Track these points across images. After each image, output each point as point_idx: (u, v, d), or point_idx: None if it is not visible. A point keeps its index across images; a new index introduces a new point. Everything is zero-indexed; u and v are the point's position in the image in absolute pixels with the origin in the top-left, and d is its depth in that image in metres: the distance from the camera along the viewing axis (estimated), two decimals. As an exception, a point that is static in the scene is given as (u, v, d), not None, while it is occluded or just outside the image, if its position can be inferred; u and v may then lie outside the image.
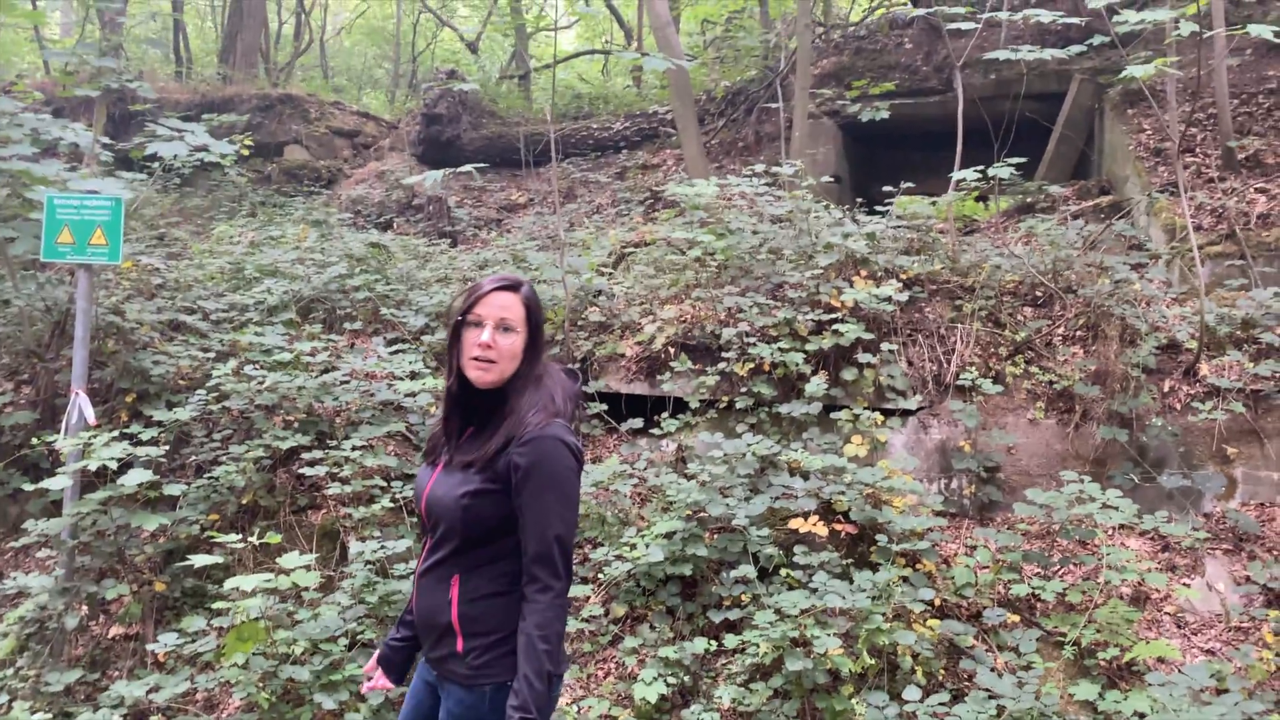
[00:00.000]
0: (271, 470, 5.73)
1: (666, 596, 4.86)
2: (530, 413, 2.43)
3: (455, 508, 2.43)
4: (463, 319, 2.49)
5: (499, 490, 2.42)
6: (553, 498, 2.39)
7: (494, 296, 2.48)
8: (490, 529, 2.44)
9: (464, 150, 13.42)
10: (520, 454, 2.38)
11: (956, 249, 6.70)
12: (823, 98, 11.38)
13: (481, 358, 2.44)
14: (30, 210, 6.29)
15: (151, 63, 17.48)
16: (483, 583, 2.45)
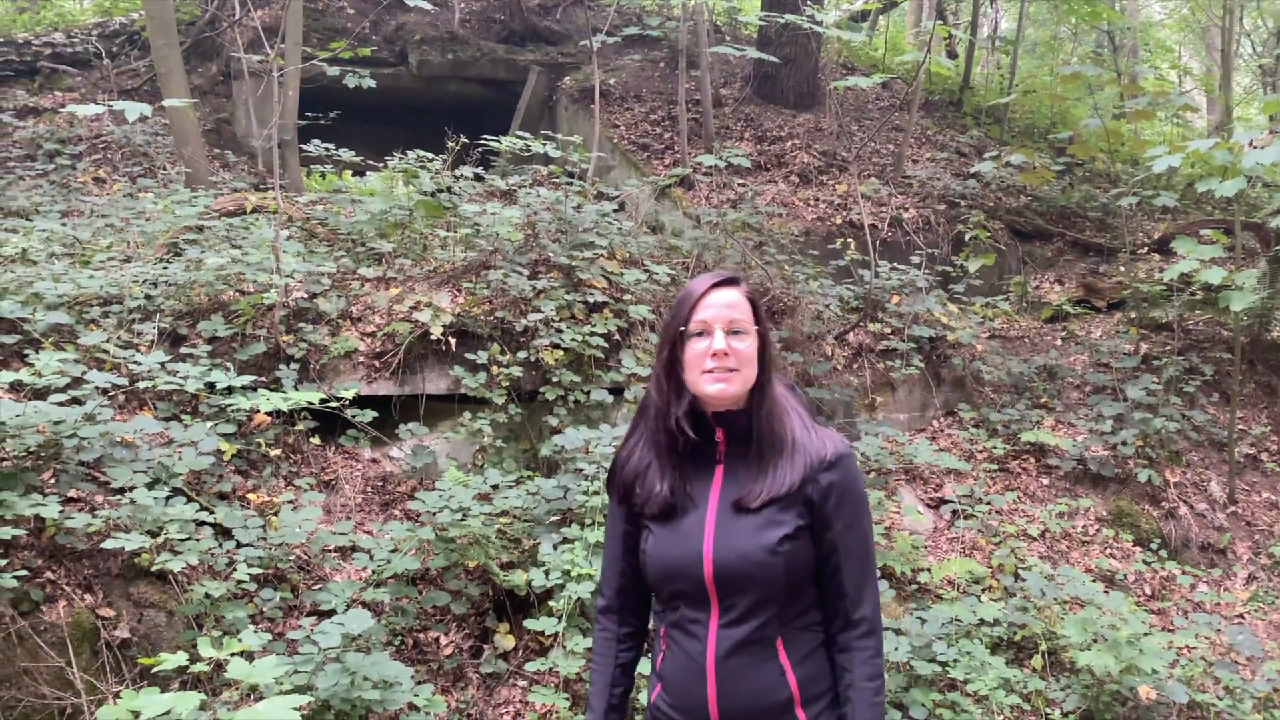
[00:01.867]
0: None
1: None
2: (809, 429, 2.16)
3: (770, 561, 2.03)
4: (683, 331, 2.10)
5: (809, 525, 2.10)
6: (867, 522, 2.17)
7: (715, 296, 2.10)
8: (809, 577, 2.12)
9: None
10: (830, 476, 2.09)
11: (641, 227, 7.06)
12: (264, 56, 10.31)
13: (720, 367, 2.06)
14: None
15: None
16: (805, 637, 2.13)
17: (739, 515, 2.06)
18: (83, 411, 4.16)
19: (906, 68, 12.16)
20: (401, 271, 6.06)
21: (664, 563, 2.10)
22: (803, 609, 2.11)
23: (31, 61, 10.36)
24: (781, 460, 2.08)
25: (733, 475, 2.11)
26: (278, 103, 5.74)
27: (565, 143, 6.62)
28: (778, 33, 9.85)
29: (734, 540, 2.05)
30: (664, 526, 2.12)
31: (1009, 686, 4.53)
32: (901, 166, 9.93)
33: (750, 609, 2.04)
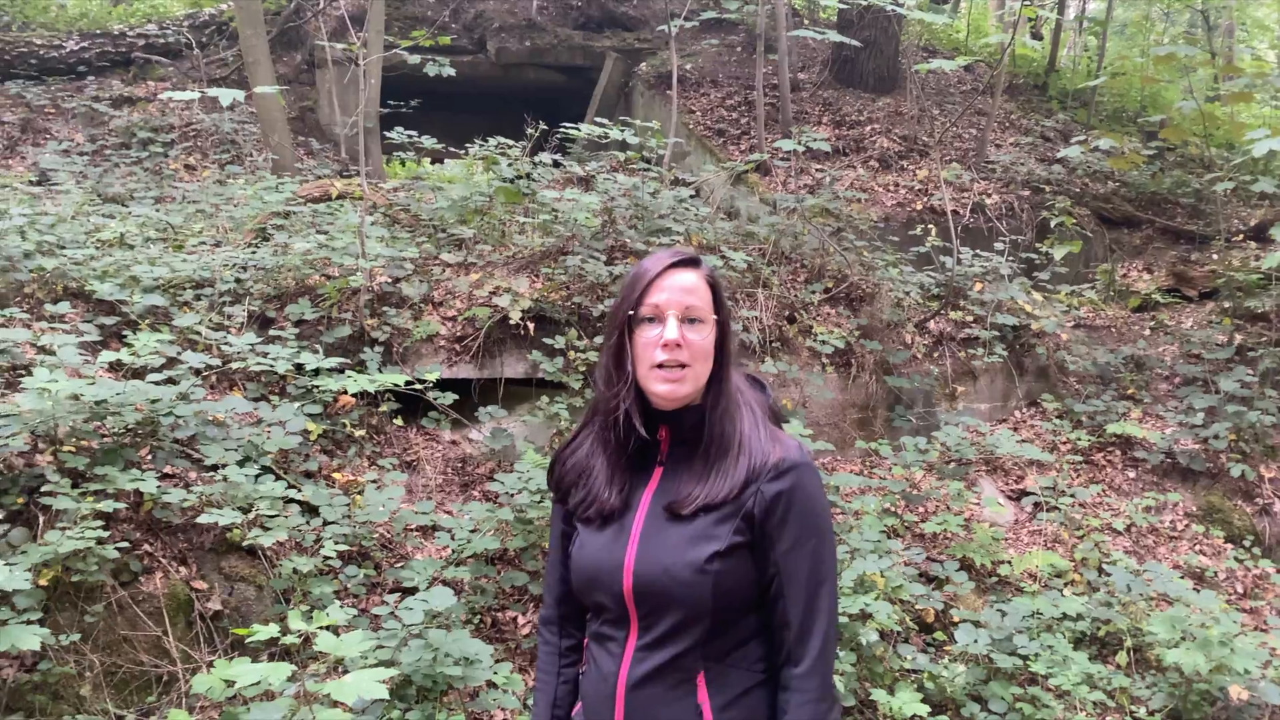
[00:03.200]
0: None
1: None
2: (762, 432, 1.87)
3: (696, 580, 1.75)
4: (633, 314, 1.83)
5: (748, 542, 1.80)
6: (821, 545, 1.83)
7: (671, 278, 1.82)
8: (745, 602, 1.82)
9: None
10: (776, 486, 1.79)
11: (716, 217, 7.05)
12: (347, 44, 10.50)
13: (670, 362, 1.79)
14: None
15: None
16: (737, 675, 1.82)
17: (669, 523, 1.80)
18: (177, 391, 4.31)
19: (990, 50, 11.88)
20: (481, 257, 6.14)
21: (586, 570, 1.86)
22: (737, 641, 1.81)
23: (126, 53, 10.71)
24: (724, 463, 1.81)
25: (671, 478, 1.85)
26: (363, 91, 5.84)
27: (643, 129, 6.63)
28: (859, 15, 9.71)
29: (659, 552, 1.78)
30: (592, 531, 1.87)
31: (1092, 682, 4.43)
32: (984, 151, 9.72)
33: (670, 632, 1.77)
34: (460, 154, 7.91)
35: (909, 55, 11.58)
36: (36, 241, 5.21)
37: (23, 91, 9.77)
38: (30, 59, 10.26)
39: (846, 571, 4.52)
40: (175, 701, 3.71)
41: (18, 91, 9.76)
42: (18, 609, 3.31)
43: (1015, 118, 11.20)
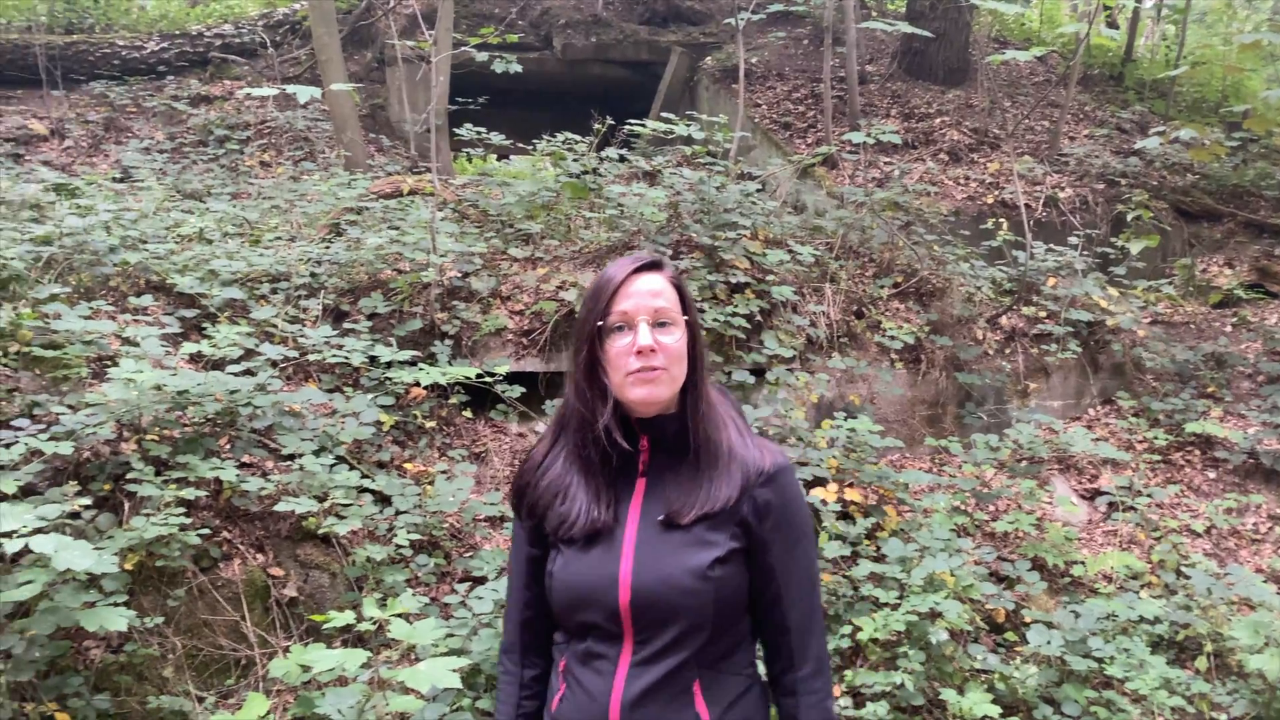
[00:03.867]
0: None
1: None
2: (746, 437, 1.86)
3: (700, 587, 1.72)
4: (601, 324, 1.77)
5: (744, 547, 1.79)
6: (810, 545, 1.86)
7: (637, 283, 1.78)
8: (741, 607, 1.81)
9: (-80, 55, 9.79)
10: (767, 492, 1.79)
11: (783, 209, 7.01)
12: (416, 42, 10.65)
13: (646, 367, 1.74)
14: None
15: None
16: (731, 680, 1.80)
17: (666, 533, 1.76)
18: (255, 382, 4.41)
19: (1065, 40, 11.62)
20: (548, 252, 6.18)
21: (573, 588, 1.78)
22: (729, 648, 1.80)
23: (204, 52, 10.99)
24: (717, 472, 1.79)
25: (658, 488, 1.80)
26: (434, 88, 5.92)
27: (709, 123, 6.61)
28: (930, 6, 9.56)
29: (658, 563, 1.73)
30: (577, 551, 1.80)
31: (1170, 687, 4.31)
32: (1058, 144, 9.51)
33: (670, 644, 1.73)
34: (527, 150, 7.97)
35: (980, 46, 11.37)
36: (121, 236, 5.37)
37: (106, 91, 10.09)
38: (113, 60, 10.58)
39: (916, 570, 4.46)
40: (253, 685, 3.81)
41: (101, 91, 10.08)
42: (105, 592, 3.43)
43: (1090, 109, 10.93)
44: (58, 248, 4.97)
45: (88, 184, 6.86)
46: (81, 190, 6.40)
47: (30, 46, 10.11)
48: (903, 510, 5.28)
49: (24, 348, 4.28)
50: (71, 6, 11.42)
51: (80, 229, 5.13)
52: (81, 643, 3.63)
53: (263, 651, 3.91)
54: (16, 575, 3.14)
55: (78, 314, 4.33)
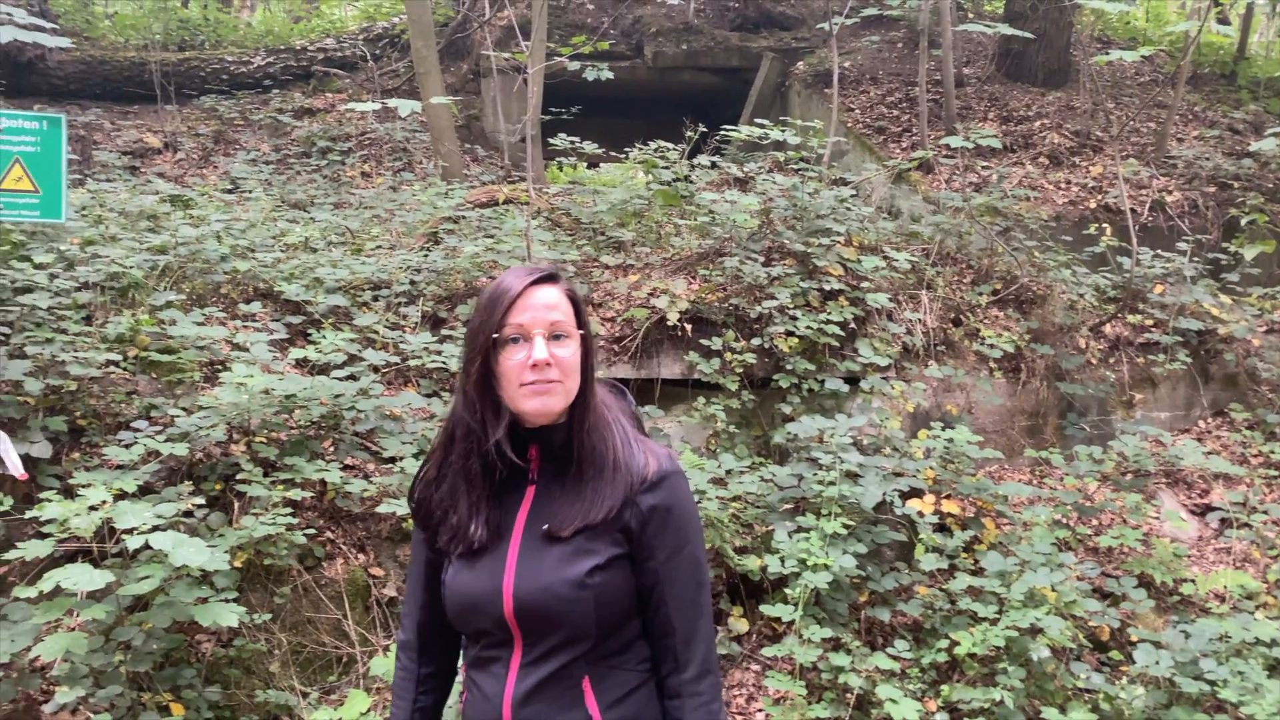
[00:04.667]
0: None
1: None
2: (632, 445, 1.85)
3: (579, 595, 1.74)
4: (496, 338, 1.77)
5: (627, 554, 1.80)
6: (696, 550, 1.85)
7: (533, 296, 1.78)
8: (626, 611, 1.82)
9: (51, 76, 10.34)
10: (651, 499, 1.79)
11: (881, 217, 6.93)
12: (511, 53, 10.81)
13: (541, 380, 1.75)
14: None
15: None
16: (622, 676, 1.82)
17: (547, 545, 1.77)
18: (358, 386, 4.54)
19: (1172, 39, 11.22)
20: (639, 259, 6.21)
21: (462, 598, 1.81)
22: (621, 645, 1.82)
23: (307, 66, 11.36)
24: (601, 482, 1.79)
25: (545, 498, 1.82)
26: (530, 98, 6.01)
27: (803, 128, 6.57)
28: (1031, 6, 9.34)
29: (538, 574, 1.76)
30: (465, 562, 1.82)
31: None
32: (1164, 146, 9.18)
33: (557, 647, 1.77)
34: (617, 158, 8.03)
35: (1082, 46, 11.04)
36: (231, 245, 5.59)
37: (216, 105, 10.50)
38: (222, 75, 11.01)
39: (1016, 584, 4.35)
40: (354, 682, 3.92)
41: (211, 105, 10.50)
42: (217, 588, 3.57)
43: (1199, 110, 10.52)
44: (173, 256, 5.19)
45: (200, 195, 7.14)
46: (195, 201, 6.68)
47: (146, 64, 10.59)
48: (1002, 523, 5.15)
49: (142, 352, 4.49)
50: (184, 25, 11.93)
51: (194, 238, 5.35)
52: (194, 636, 3.78)
53: (363, 649, 4.02)
54: (136, 570, 3.29)
55: (191, 320, 4.52)
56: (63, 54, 10.28)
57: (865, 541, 4.58)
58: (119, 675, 3.38)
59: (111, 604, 3.28)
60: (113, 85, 10.68)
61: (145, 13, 12.41)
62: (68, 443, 4.14)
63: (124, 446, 3.83)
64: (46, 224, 4.76)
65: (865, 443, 5.18)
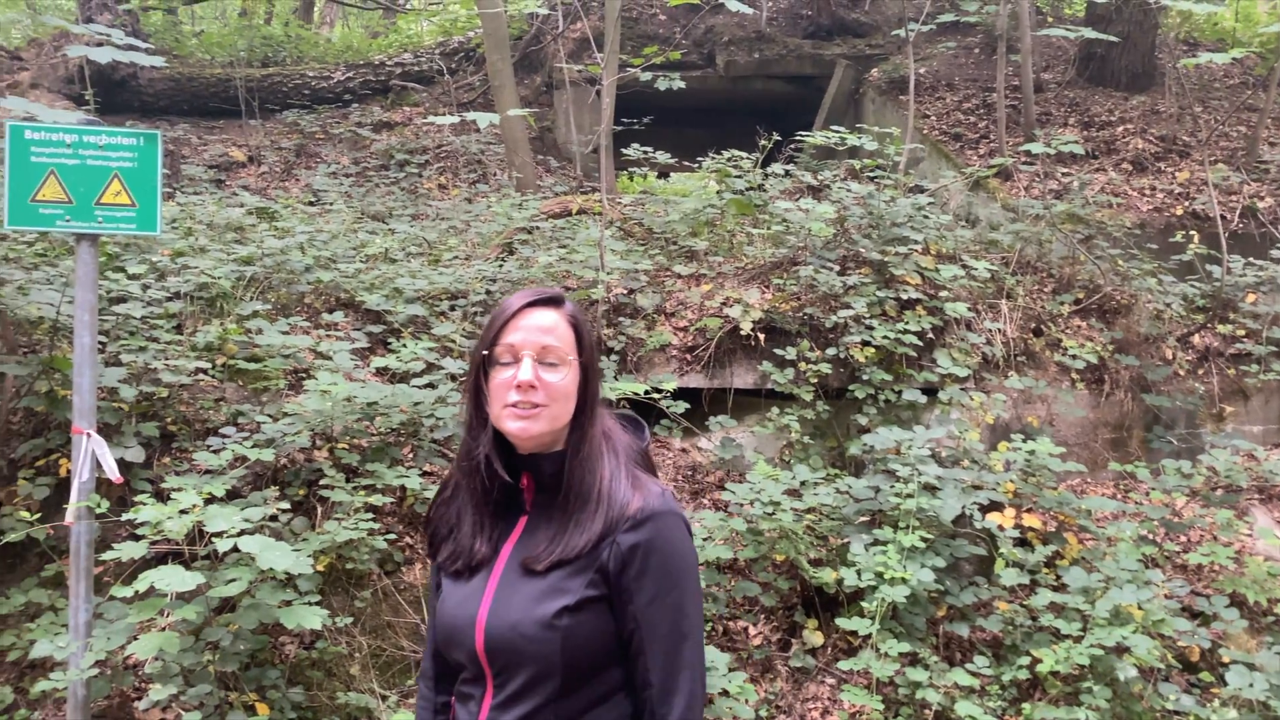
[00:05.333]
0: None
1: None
2: (623, 480, 1.77)
3: (544, 636, 1.67)
4: (487, 355, 1.75)
5: (604, 596, 1.71)
6: (683, 597, 1.73)
7: (529, 317, 1.75)
8: (600, 658, 1.72)
9: (142, 93, 10.72)
10: (632, 538, 1.69)
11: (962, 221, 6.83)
12: (584, 65, 10.90)
13: (523, 402, 1.71)
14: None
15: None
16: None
17: (524, 578, 1.72)
18: (436, 395, 4.61)
19: (1263, 40, 10.85)
20: (713, 268, 6.21)
21: (444, 628, 1.79)
22: (595, 698, 1.72)
23: (385, 81, 11.60)
24: (583, 515, 1.72)
25: (533, 529, 1.77)
26: (604, 109, 6.06)
27: (880, 134, 6.50)
28: (1116, 9, 9.12)
29: (508, 608, 1.70)
30: (455, 586, 1.79)
31: (1395, 743, 3.94)
32: (1256, 150, 8.87)
33: (523, 689, 1.69)
34: (690, 167, 8.04)
35: (1168, 49, 10.75)
36: (314, 256, 5.73)
37: (298, 119, 10.78)
38: (304, 90, 11.31)
39: (1100, 601, 4.24)
40: (431, 685, 3.97)
41: (294, 119, 10.78)
42: (300, 591, 3.65)
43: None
44: (259, 267, 5.34)
45: (284, 207, 7.34)
46: (279, 213, 6.86)
47: (231, 80, 10.93)
48: (1085, 538, 5.02)
49: (229, 360, 4.62)
50: (268, 42, 12.28)
51: (278, 250, 5.50)
52: (278, 638, 3.87)
53: (440, 654, 4.07)
54: (224, 572, 3.38)
55: (277, 329, 4.64)
56: (153, 72, 10.67)
57: (943, 555, 4.51)
58: (208, 674, 3.48)
59: (201, 605, 3.37)
60: (200, 101, 11.04)
61: (231, 30, 12.82)
62: (159, 447, 4.29)
63: (213, 452, 3.94)
64: (140, 236, 4.94)
65: (943, 455, 5.10)
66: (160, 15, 13.78)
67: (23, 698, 3.87)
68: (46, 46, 10.72)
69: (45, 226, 3.34)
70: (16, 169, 3.28)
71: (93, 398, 3.39)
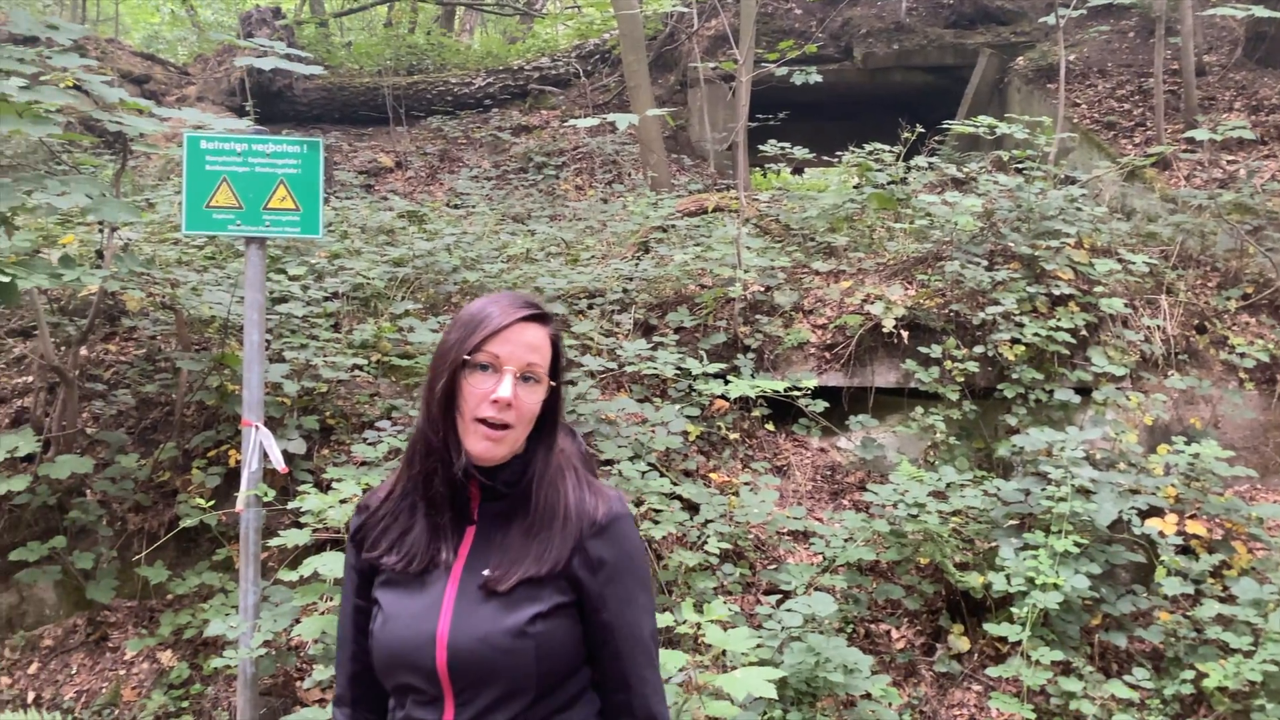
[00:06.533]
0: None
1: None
2: (584, 490, 1.73)
3: (519, 646, 1.61)
4: (467, 360, 1.65)
5: (574, 602, 1.68)
6: (648, 597, 1.74)
7: (519, 331, 1.67)
8: (570, 663, 1.69)
9: (297, 103, 11.28)
10: (600, 544, 1.68)
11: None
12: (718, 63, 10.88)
13: (494, 421, 1.64)
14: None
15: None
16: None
17: (486, 594, 1.65)
18: (576, 391, 4.69)
19: None
20: (853, 264, 6.11)
21: (389, 647, 1.67)
22: (563, 704, 1.68)
23: (523, 85, 11.87)
24: (550, 533, 1.69)
25: (485, 541, 1.70)
26: (741, 106, 6.05)
27: (1031, 124, 6.27)
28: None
29: (474, 620, 1.63)
30: (396, 601, 1.69)
31: None
32: None
33: (492, 705, 1.62)
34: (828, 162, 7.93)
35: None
36: (460, 257, 5.91)
37: (441, 125, 11.15)
38: (446, 96, 11.68)
39: (1274, 614, 3.98)
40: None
41: (437, 125, 11.15)
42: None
43: None
44: (410, 268, 5.55)
45: (431, 210, 7.60)
46: (428, 217, 7.11)
47: (379, 88, 11.38)
48: (1255, 547, 4.72)
49: (383, 357, 4.82)
50: (412, 50, 12.74)
51: (427, 251, 5.70)
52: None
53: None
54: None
55: (427, 328, 4.80)
56: (307, 82, 11.21)
57: (1099, 561, 4.31)
58: (365, 657, 3.63)
59: (359, 590, 3.52)
60: (349, 109, 11.54)
61: (378, 41, 13.35)
62: (319, 440, 4.50)
63: (369, 444, 4.12)
64: (300, 239, 5.20)
65: (1098, 457, 4.88)
66: (313, 28, 14.46)
67: (197, 673, 4.14)
68: (210, 62, 11.40)
69: (218, 231, 3.55)
70: (193, 177, 3.51)
71: (261, 392, 3.59)
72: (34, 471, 4.22)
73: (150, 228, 5.90)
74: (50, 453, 4.41)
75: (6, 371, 5.08)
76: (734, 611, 4.10)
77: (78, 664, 4.28)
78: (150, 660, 4.23)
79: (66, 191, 3.69)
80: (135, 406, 4.76)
